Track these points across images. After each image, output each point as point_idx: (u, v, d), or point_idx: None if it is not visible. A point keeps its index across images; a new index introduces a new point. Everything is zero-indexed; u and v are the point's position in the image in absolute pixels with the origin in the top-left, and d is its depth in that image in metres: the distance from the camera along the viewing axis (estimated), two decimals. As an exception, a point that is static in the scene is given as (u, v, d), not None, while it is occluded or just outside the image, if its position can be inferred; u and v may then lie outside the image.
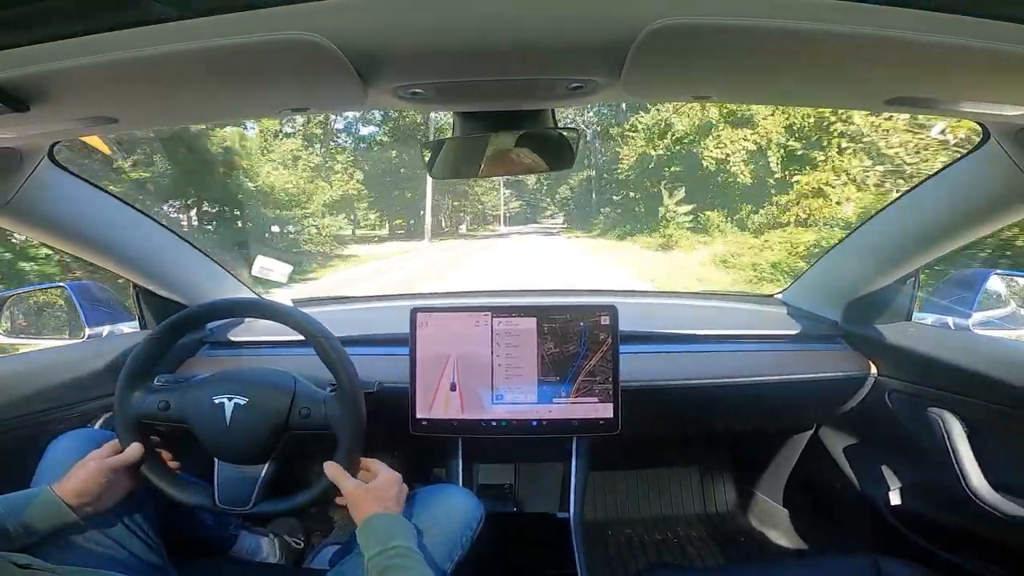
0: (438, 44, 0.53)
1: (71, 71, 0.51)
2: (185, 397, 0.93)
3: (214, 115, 0.79)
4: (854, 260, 1.27)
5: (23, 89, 0.55)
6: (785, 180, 10.99)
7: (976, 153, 0.86)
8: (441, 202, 26.16)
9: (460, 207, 28.55)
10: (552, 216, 32.78)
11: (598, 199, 21.68)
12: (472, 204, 28.38)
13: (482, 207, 29.05)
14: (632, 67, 0.55)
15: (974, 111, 0.68)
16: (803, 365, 1.27)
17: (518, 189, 30.68)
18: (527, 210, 33.15)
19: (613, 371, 1.11)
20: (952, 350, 1.07)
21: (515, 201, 32.42)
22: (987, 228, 0.97)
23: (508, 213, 32.07)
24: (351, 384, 0.92)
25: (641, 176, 15.93)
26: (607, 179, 19.82)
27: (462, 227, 29.16)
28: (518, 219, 31.65)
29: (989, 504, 0.97)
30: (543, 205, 33.25)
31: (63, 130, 0.74)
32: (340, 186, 16.66)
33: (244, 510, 0.93)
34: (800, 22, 0.45)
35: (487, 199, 28.69)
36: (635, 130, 16.00)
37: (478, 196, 27.60)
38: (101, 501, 0.85)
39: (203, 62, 0.52)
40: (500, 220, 31.36)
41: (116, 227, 1.10)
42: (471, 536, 0.95)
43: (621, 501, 1.76)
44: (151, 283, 1.25)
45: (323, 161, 17.29)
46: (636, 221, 16.36)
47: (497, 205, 30.45)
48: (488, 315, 1.13)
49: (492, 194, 28.96)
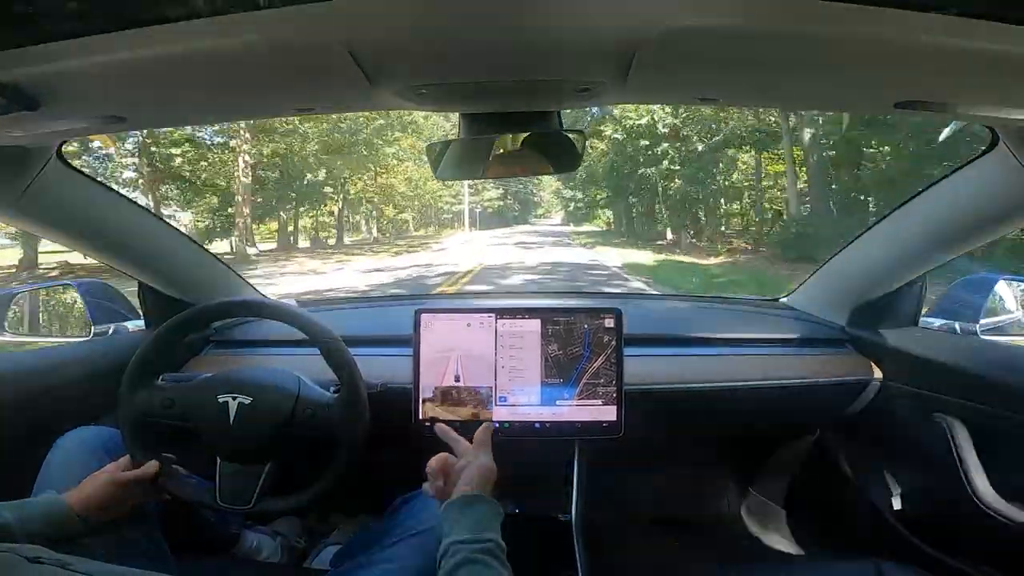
0: (444, 45, 0.53)
1: (80, 71, 0.52)
2: (189, 395, 0.94)
3: (221, 115, 0.80)
4: (860, 264, 1.26)
5: (33, 88, 0.55)
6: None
7: (985, 157, 0.86)
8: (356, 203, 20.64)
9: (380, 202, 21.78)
10: (546, 214, 27.98)
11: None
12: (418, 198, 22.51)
13: (432, 200, 22.37)
14: (639, 69, 0.55)
15: (984, 114, 0.67)
16: (808, 369, 1.26)
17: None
18: (513, 205, 26.10)
19: (617, 374, 1.11)
20: (958, 355, 1.07)
21: (492, 191, 24.21)
22: (995, 232, 0.97)
23: (479, 208, 24.86)
24: (356, 388, 0.92)
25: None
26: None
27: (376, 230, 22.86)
28: (492, 219, 24.58)
29: (994, 510, 0.97)
30: (533, 199, 26.74)
31: (71, 129, 0.74)
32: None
33: (245, 508, 0.93)
34: (809, 26, 0.45)
35: (437, 188, 22.13)
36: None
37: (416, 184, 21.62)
38: (109, 513, 0.85)
39: (211, 62, 0.53)
40: (465, 221, 24.33)
41: (123, 226, 1.11)
42: None
43: (624, 503, 1.75)
44: (157, 282, 1.25)
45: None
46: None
47: (460, 196, 22.87)
48: (492, 316, 1.13)
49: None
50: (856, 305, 1.29)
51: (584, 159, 0.84)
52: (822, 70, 0.56)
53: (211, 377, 0.98)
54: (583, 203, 26.50)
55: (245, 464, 0.93)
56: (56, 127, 0.71)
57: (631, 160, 16.81)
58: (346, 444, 0.92)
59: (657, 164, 15.54)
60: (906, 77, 0.56)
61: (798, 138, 12.51)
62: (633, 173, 16.90)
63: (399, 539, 0.90)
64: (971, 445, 1.01)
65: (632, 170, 16.94)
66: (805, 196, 13.31)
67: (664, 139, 15.13)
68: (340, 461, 0.92)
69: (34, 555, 0.55)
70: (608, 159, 18.19)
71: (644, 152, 15.86)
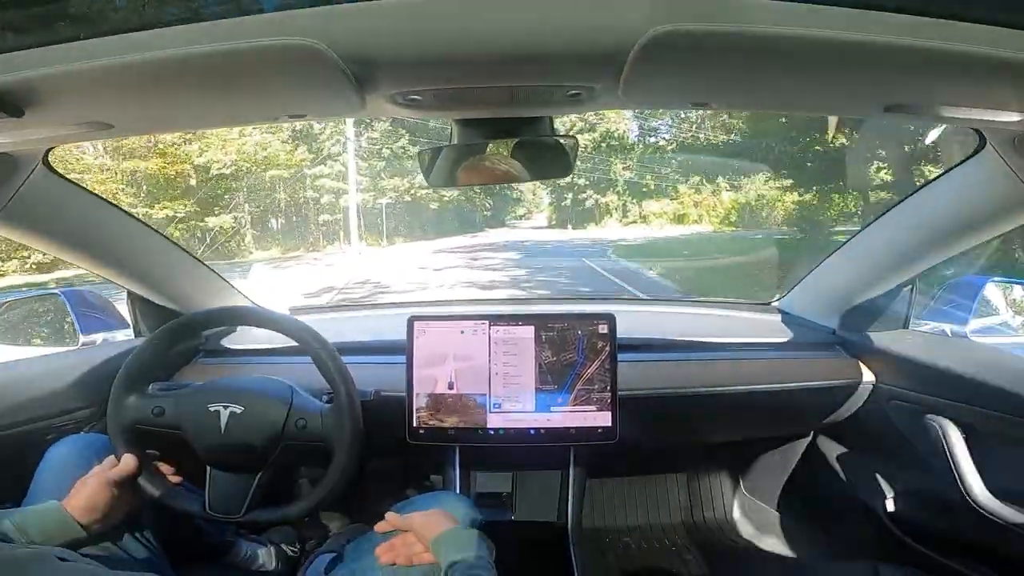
0: (435, 51, 0.52)
1: (67, 76, 0.51)
2: (180, 404, 0.93)
3: (211, 121, 0.79)
4: (851, 267, 1.27)
5: (18, 94, 0.55)
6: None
7: (973, 160, 0.87)
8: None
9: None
10: (528, 215, 21.25)
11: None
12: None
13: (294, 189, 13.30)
14: (631, 75, 0.55)
15: (972, 118, 0.68)
16: (800, 373, 1.27)
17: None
18: (483, 200, 16.88)
19: (611, 379, 1.11)
20: (950, 357, 1.07)
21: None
22: (984, 235, 0.97)
23: (396, 210, 15.46)
24: (349, 398, 0.92)
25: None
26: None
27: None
28: (451, 223, 16.32)
29: (988, 510, 0.97)
30: (512, 194, 18.49)
31: (58, 136, 0.74)
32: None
33: (234, 518, 0.92)
34: (799, 29, 0.45)
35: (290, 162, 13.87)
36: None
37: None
38: (108, 518, 0.84)
39: (199, 68, 0.52)
40: (352, 229, 14.71)
41: (112, 234, 1.10)
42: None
43: (619, 509, 1.75)
44: (146, 290, 1.24)
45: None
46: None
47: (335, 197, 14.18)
48: (486, 323, 1.12)
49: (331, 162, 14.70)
50: (847, 308, 1.29)
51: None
52: (812, 74, 0.57)
53: (203, 385, 0.97)
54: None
55: (235, 473, 0.92)
56: (42, 134, 0.70)
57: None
58: (339, 456, 0.91)
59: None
60: (895, 81, 0.57)
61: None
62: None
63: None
64: (964, 446, 1.02)
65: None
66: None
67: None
68: (333, 473, 0.91)
69: (61, 556, 0.56)
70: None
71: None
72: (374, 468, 1.61)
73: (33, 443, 0.96)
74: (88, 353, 1.22)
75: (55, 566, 0.55)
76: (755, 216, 18.13)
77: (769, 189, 15.26)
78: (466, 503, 1.00)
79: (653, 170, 21.20)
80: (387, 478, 1.63)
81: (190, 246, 10.30)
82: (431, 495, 1.02)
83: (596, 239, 18.87)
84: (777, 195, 14.76)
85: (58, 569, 0.54)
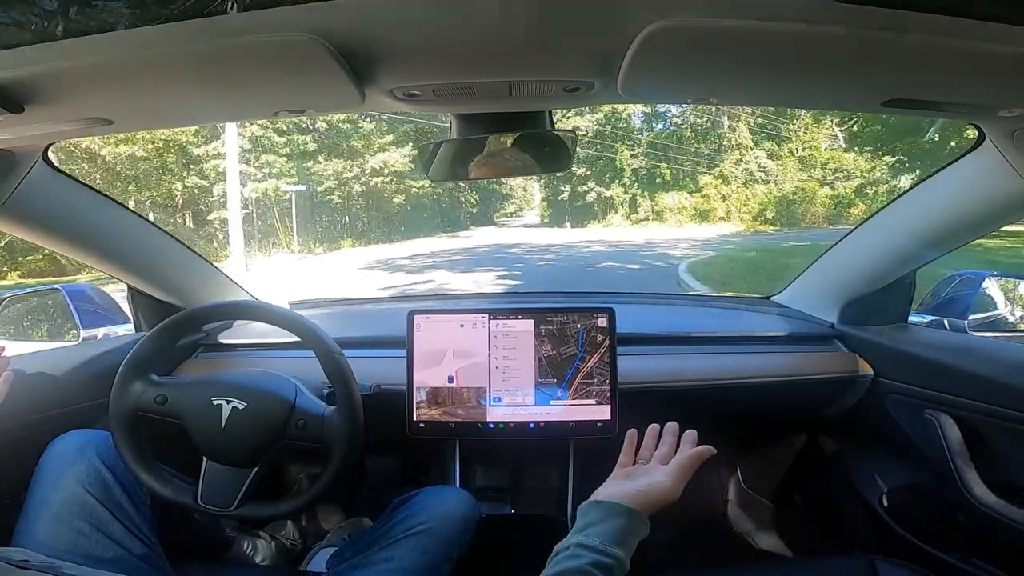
0: (434, 45, 0.53)
1: (66, 72, 0.51)
2: (183, 394, 0.93)
3: (210, 116, 0.79)
4: (850, 262, 1.27)
5: (18, 90, 0.55)
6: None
7: (972, 155, 0.87)
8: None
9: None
10: (519, 213, 18.89)
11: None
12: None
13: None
14: (629, 69, 0.55)
15: (971, 113, 0.68)
16: (799, 366, 1.27)
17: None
18: (468, 196, 14.79)
19: (611, 373, 1.11)
20: (948, 352, 1.08)
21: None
22: (984, 230, 0.98)
23: (352, 204, 13.47)
24: (351, 401, 0.92)
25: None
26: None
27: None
28: (428, 222, 14.35)
29: (985, 504, 0.98)
30: (502, 189, 16.07)
31: (58, 132, 0.74)
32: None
33: (226, 511, 0.92)
34: (798, 24, 0.45)
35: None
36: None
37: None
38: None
39: (199, 64, 0.52)
40: (232, 235, 11.14)
41: (111, 229, 1.10)
42: (468, 536, 0.94)
43: None
44: (146, 285, 1.24)
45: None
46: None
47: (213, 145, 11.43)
48: (485, 317, 1.13)
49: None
50: (846, 302, 1.29)
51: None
52: (810, 69, 0.57)
53: (207, 377, 0.97)
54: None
55: (230, 467, 0.92)
56: (42, 130, 0.70)
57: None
58: (336, 459, 0.91)
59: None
60: (894, 76, 0.57)
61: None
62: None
63: (396, 540, 0.90)
64: (962, 441, 1.02)
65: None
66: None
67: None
68: (328, 474, 0.91)
69: (21, 559, 0.54)
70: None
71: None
72: (374, 462, 1.62)
73: (34, 439, 0.97)
74: (89, 348, 1.23)
75: (10, 574, 0.52)
76: (791, 212, 17.20)
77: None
78: (467, 496, 1.01)
79: (669, 157, 18.69)
80: (387, 472, 1.64)
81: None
82: (431, 489, 1.02)
83: (618, 241, 14.24)
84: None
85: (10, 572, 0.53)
